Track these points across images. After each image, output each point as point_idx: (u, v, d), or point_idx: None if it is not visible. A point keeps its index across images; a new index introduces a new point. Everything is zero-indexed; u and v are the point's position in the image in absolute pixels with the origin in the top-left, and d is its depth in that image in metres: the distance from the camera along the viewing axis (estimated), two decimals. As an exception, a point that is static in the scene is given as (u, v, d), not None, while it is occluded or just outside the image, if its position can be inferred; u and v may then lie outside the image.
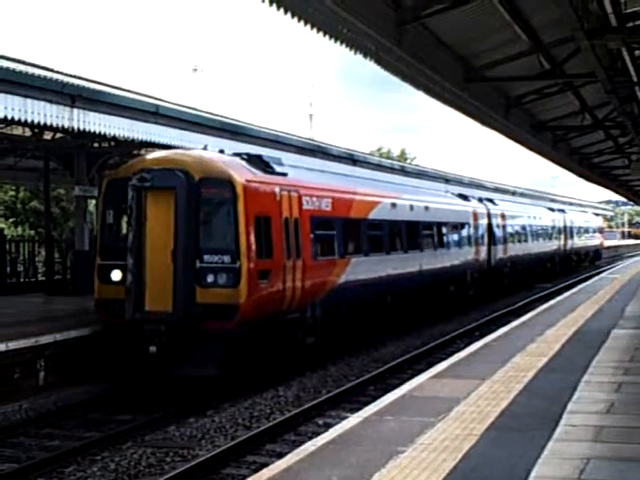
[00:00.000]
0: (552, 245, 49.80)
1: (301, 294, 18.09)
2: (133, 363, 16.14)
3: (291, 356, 18.32)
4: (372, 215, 22.91)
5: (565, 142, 31.41)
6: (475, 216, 33.65)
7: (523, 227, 42.73)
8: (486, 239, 34.68)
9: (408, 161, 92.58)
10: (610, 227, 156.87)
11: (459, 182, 47.63)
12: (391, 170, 37.84)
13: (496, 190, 55.50)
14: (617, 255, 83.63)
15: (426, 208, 27.77)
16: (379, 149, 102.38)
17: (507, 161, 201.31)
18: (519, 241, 41.36)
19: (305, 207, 18.82)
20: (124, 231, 16.82)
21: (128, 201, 16.33)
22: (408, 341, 23.86)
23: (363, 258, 21.83)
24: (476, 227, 33.45)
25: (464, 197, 34.81)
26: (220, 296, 16.01)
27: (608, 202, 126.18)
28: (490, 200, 38.78)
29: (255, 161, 18.11)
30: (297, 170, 20.80)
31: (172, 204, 16.14)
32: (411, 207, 26.33)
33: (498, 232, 36.98)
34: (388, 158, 78.38)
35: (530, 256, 43.31)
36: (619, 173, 43.77)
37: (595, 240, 68.00)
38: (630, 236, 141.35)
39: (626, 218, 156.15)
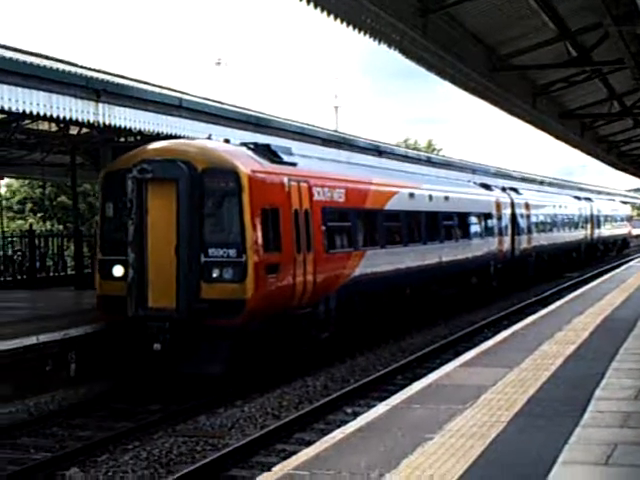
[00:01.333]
0: (578, 234, 48.96)
1: (313, 288, 17.52)
2: (137, 361, 15.75)
3: (304, 352, 17.89)
4: (389, 206, 22.28)
5: (593, 130, 31.23)
6: (498, 206, 32.99)
7: (548, 216, 42.04)
8: (510, 229, 34.02)
9: (435, 152, 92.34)
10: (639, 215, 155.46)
11: (483, 172, 47.24)
12: (413, 160, 37.47)
13: (521, 179, 55.16)
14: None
15: (446, 198, 27.07)
16: (406, 140, 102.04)
17: (535, 150, 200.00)
18: (544, 231, 40.61)
19: (316, 198, 18.18)
20: (125, 225, 16.11)
21: (128, 194, 15.80)
22: (435, 331, 23.86)
23: (379, 250, 21.26)
24: (499, 217, 32.77)
25: (486, 187, 34.17)
26: (226, 291, 15.49)
27: (637, 190, 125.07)
28: (514, 189, 38.14)
29: (262, 151, 17.51)
30: (308, 160, 20.23)
31: (174, 196, 15.62)
32: (430, 197, 25.60)
33: (522, 222, 36.32)
34: (415, 149, 78.22)
35: (555, 246, 42.52)
36: (648, 160, 43.48)
37: (623, 229, 67.10)
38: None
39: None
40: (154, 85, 20.87)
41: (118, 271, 16.11)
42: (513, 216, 34.77)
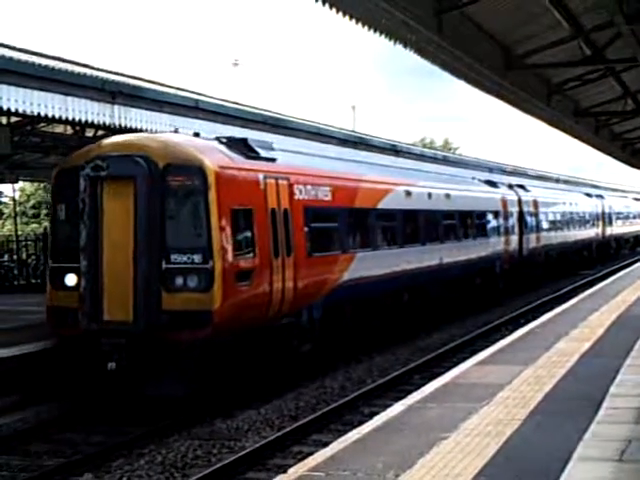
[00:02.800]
0: (590, 232, 47.81)
1: (293, 296, 15.96)
2: (91, 381, 14.10)
3: (285, 365, 16.47)
4: (382, 204, 20.74)
5: (608, 128, 31.20)
6: (504, 203, 31.66)
7: (558, 214, 40.80)
8: (517, 228, 32.81)
9: (452, 151, 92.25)
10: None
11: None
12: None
13: (530, 176, 54.74)
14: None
15: (447, 196, 25.54)
16: (422, 139, 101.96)
17: (549, 148, 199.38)
18: (554, 229, 39.40)
19: (298, 197, 16.65)
20: (78, 229, 14.50)
21: (80, 193, 14.28)
22: (452, 330, 23.85)
23: (371, 253, 19.78)
24: (505, 215, 31.50)
25: (492, 184, 32.89)
26: (190, 302, 13.89)
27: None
28: (521, 186, 36.87)
29: (236, 145, 15.91)
30: (290, 155, 18.65)
31: (132, 196, 14.07)
32: (429, 195, 24.06)
33: (530, 220, 35.06)
34: (432, 148, 78.18)
35: (566, 245, 41.43)
36: (663, 158, 43.34)
37: (635, 226, 65.70)
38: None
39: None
40: (170, 87, 20.96)
41: (71, 280, 14.48)
42: (520, 214, 33.62)
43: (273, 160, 16.54)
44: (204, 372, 14.09)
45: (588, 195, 51.92)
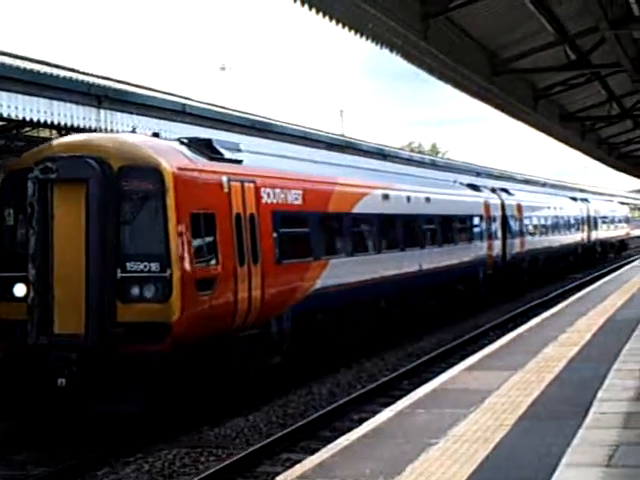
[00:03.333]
0: (575, 237, 47.09)
1: (260, 306, 15.12)
2: (40, 398, 13.11)
3: (252, 379, 15.47)
4: (358, 208, 19.94)
5: (593, 132, 31.36)
6: (487, 208, 30.83)
7: (542, 218, 39.97)
8: (500, 232, 32.13)
9: (439, 155, 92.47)
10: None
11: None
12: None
13: (514, 180, 54.51)
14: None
15: (427, 200, 24.69)
16: (410, 144, 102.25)
17: (537, 153, 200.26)
18: (538, 233, 38.69)
19: (265, 200, 15.79)
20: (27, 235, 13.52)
21: (28, 197, 13.31)
22: (441, 335, 23.85)
23: (346, 259, 18.97)
24: (488, 220, 30.73)
25: (474, 187, 31.99)
26: (147, 313, 13.04)
27: (639, 191, 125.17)
28: (505, 190, 36.16)
29: (198, 146, 15.13)
30: (258, 157, 17.81)
31: (84, 200, 13.19)
32: (408, 199, 23.25)
33: (514, 224, 34.41)
34: (419, 153, 78.32)
35: (551, 249, 40.67)
36: (648, 162, 43.59)
37: (621, 230, 64.75)
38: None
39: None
40: (157, 91, 20.93)
41: (20, 290, 13.47)
42: (504, 218, 32.97)
43: (239, 162, 15.72)
44: (162, 387, 13.22)
45: (573, 199, 51.45)
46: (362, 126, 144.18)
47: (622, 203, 76.31)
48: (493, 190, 33.97)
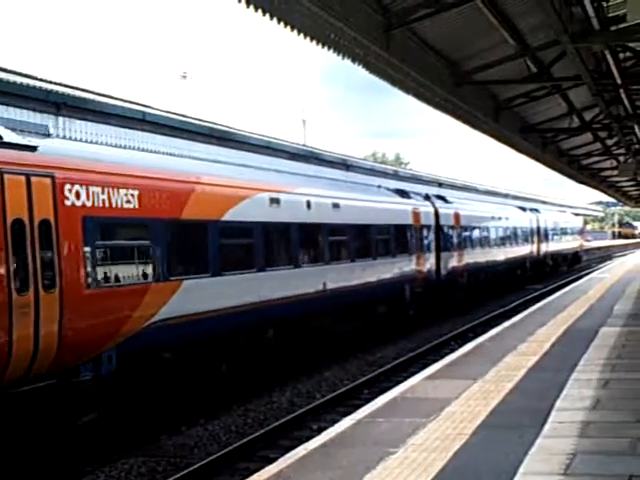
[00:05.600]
0: (523, 249, 44.00)
1: (59, 347, 11.36)
2: None
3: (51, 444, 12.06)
4: (231, 215, 15.95)
5: (554, 144, 31.67)
6: (416, 216, 27.13)
7: (485, 229, 36.69)
8: (433, 245, 28.63)
9: (403, 166, 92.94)
10: (601, 228, 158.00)
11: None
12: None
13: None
14: (607, 255, 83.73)
15: (335, 206, 20.73)
16: (374, 154, 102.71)
17: (499, 164, 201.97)
18: (480, 246, 35.27)
19: (72, 202, 11.85)
20: None
21: None
22: (402, 344, 23.89)
23: (210, 280, 15.09)
24: (418, 230, 27.16)
25: (402, 193, 28.22)
26: None
27: (599, 203, 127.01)
28: (441, 197, 32.92)
29: None
30: (72, 144, 14.62)
31: None
32: (308, 204, 19.19)
33: (450, 236, 30.99)
34: (383, 163, 78.62)
35: (495, 263, 37.39)
36: (607, 174, 44.18)
37: (573, 242, 61.35)
38: (620, 236, 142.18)
39: (616, 219, 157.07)
40: (117, 98, 20.86)
41: None
42: (439, 229, 29.44)
43: (31, 149, 11.80)
44: None
45: (522, 209, 48.56)
46: (324, 136, 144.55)
47: (576, 214, 75.93)
48: (427, 197, 30.71)
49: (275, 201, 17.69)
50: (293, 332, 18.60)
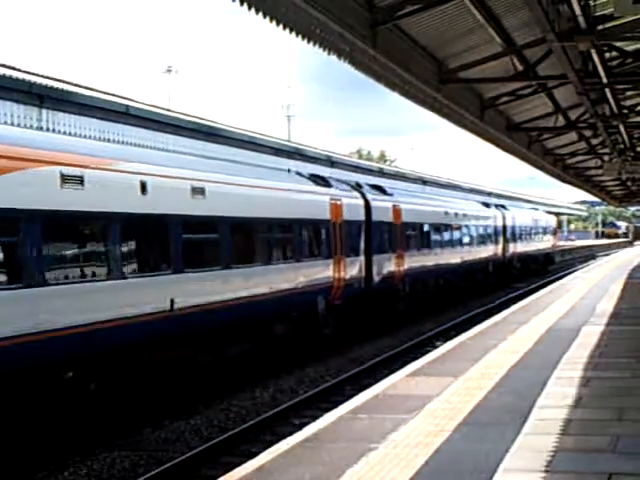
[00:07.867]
0: (484, 251, 38.69)
1: None
2: None
3: None
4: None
5: (539, 143, 31.76)
6: (337, 210, 21.96)
7: (436, 227, 31.34)
8: (362, 246, 23.61)
9: (388, 163, 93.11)
10: (585, 227, 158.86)
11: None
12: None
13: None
14: (591, 254, 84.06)
15: (197, 191, 15.42)
16: (359, 151, 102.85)
17: (485, 162, 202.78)
18: (428, 247, 29.99)
19: None
20: None
21: None
22: (385, 341, 23.89)
23: None
24: (338, 227, 21.91)
25: (320, 180, 22.99)
26: None
27: (583, 202, 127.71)
28: (378, 187, 27.80)
29: None
30: None
31: None
32: (143, 187, 13.79)
33: (387, 235, 25.75)
34: (368, 160, 78.70)
35: (448, 267, 32.06)
36: (592, 174, 44.38)
37: (546, 243, 56.36)
38: (604, 236, 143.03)
39: (600, 218, 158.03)
40: (100, 92, 20.78)
41: None
42: (369, 226, 24.17)
43: None
44: None
45: (485, 205, 43.42)
46: (309, 132, 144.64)
47: (557, 213, 73.79)
48: (359, 186, 25.55)
49: (72, 179, 12.14)
50: (120, 371, 13.61)
